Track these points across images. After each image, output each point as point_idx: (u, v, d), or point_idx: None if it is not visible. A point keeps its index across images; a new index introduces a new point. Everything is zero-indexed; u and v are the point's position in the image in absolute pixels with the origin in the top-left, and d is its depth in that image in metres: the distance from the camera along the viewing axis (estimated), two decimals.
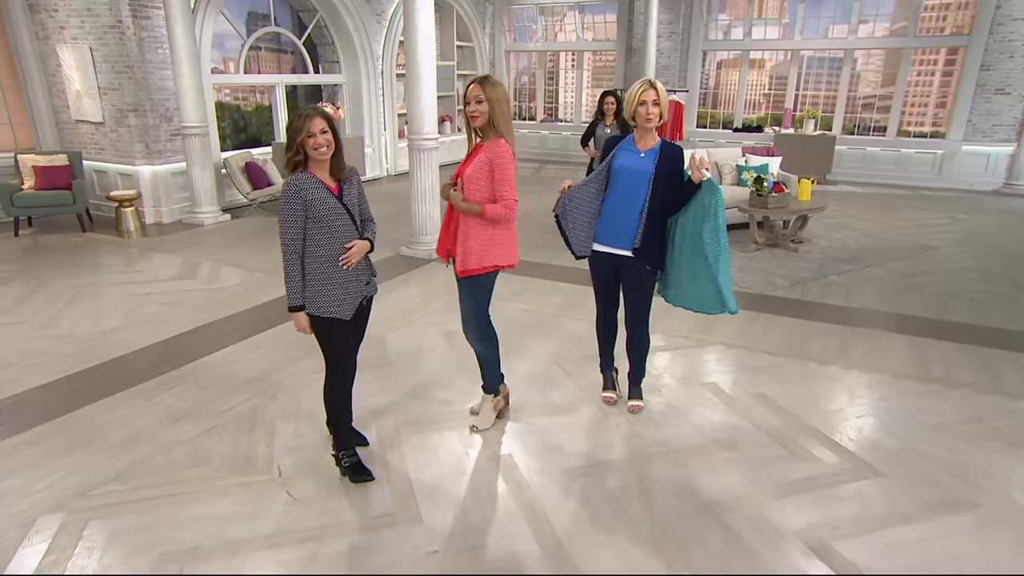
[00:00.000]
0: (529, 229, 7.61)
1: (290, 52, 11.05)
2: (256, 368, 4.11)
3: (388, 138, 11.63)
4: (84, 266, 6.22)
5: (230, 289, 5.62)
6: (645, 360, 3.69)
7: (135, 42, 7.40)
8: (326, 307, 2.78)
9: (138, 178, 7.81)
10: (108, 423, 3.45)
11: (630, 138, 3.35)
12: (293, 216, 2.66)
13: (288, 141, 2.65)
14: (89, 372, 4.05)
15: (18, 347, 4.39)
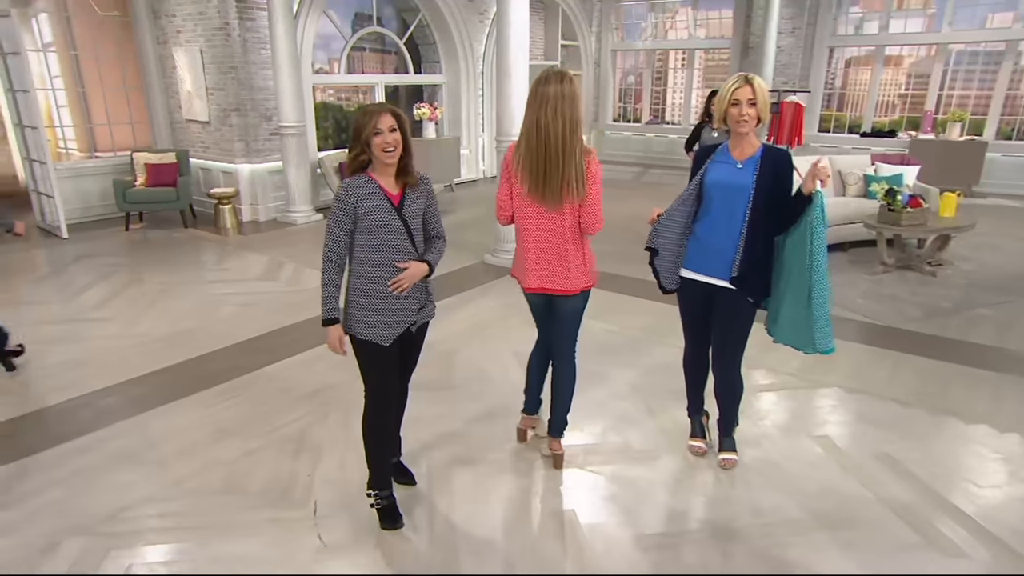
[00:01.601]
0: (623, 239, 7.06)
1: (393, 53, 11.06)
2: (315, 382, 3.89)
3: (485, 139, 11.40)
4: (178, 262, 6.34)
5: (307, 292, 5.50)
6: (737, 407, 3.11)
7: (240, 43, 7.54)
8: (364, 328, 2.45)
9: (237, 176, 7.98)
10: (158, 435, 3.32)
11: (724, 147, 2.79)
12: (339, 221, 2.37)
13: (353, 138, 2.34)
14: (154, 376, 3.98)
15: (96, 345, 4.43)
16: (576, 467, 3.09)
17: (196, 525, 2.65)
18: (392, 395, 2.63)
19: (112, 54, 8.27)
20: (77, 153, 9.13)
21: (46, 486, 2.88)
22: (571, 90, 2.57)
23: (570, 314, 2.88)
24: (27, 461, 3.06)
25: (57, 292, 5.48)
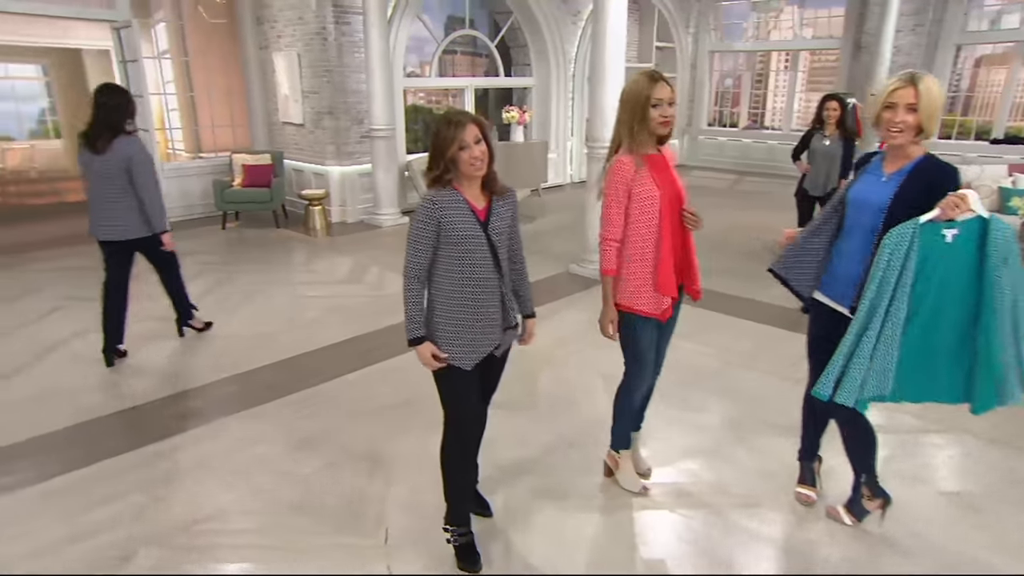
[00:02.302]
0: (720, 251, 6.64)
1: (484, 55, 11.00)
2: (395, 394, 3.77)
3: (574, 144, 11.14)
4: (268, 262, 6.46)
5: (390, 298, 5.44)
6: (872, 454, 2.66)
7: (335, 47, 7.65)
8: (445, 351, 2.27)
9: (328, 178, 8.11)
10: (236, 442, 3.29)
11: (880, 157, 2.42)
12: (423, 237, 2.18)
13: (433, 154, 2.16)
14: (239, 379, 3.99)
15: (186, 344, 4.51)
16: (666, 509, 2.80)
17: (267, 545, 2.56)
18: (475, 422, 2.44)
19: (218, 60, 8.62)
20: (184, 154, 9.61)
21: (126, 490, 2.88)
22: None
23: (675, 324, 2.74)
24: (110, 463, 3.09)
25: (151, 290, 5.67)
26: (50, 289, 5.59)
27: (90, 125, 3.87)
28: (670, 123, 2.43)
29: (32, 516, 2.71)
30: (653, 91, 2.37)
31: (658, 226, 2.45)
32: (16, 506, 2.78)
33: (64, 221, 8.37)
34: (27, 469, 3.05)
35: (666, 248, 2.46)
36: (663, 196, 2.44)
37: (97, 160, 3.87)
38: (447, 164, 2.14)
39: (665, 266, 2.47)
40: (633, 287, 2.54)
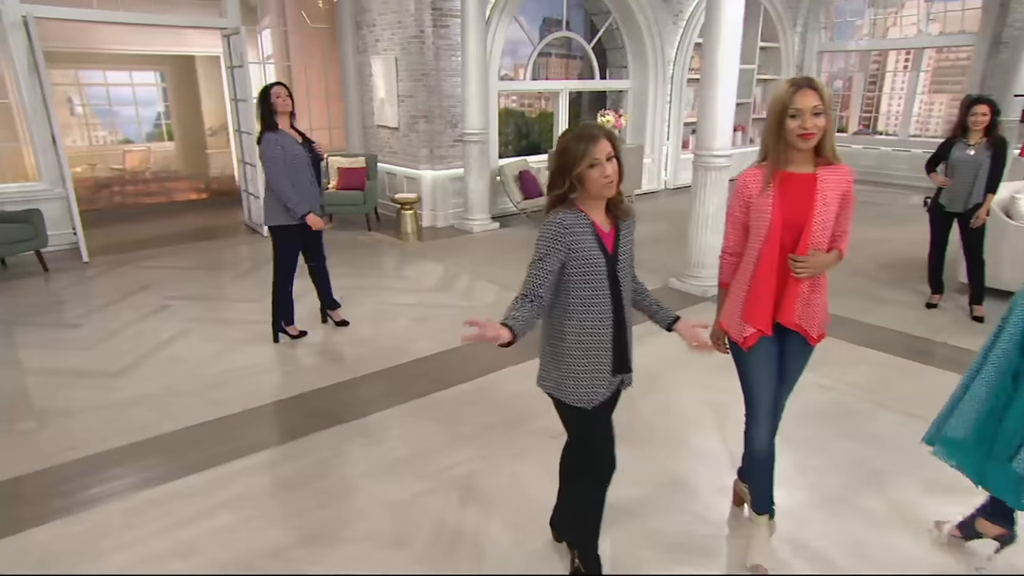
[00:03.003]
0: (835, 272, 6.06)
1: (579, 57, 10.73)
2: (485, 415, 3.57)
3: (670, 149, 10.68)
4: (360, 265, 6.44)
5: (480, 309, 5.27)
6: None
7: (432, 51, 7.59)
8: (569, 391, 2.05)
9: (420, 182, 8.07)
10: (327, 460, 3.17)
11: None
12: (548, 263, 1.91)
13: (558, 170, 1.93)
14: (329, 392, 3.89)
15: (279, 353, 4.49)
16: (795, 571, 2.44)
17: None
18: (606, 457, 2.23)
19: (318, 64, 8.77)
20: None
21: (218, 508, 2.81)
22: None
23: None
24: (208, 475, 3.04)
25: (253, 289, 5.76)
26: (159, 287, 5.77)
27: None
28: (812, 136, 2.08)
29: (130, 526, 2.68)
30: (793, 99, 2.07)
31: (760, 251, 2.21)
32: (116, 516, 2.75)
33: (172, 220, 8.76)
34: (129, 474, 3.04)
35: (762, 276, 2.22)
36: (777, 222, 2.15)
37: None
38: (573, 182, 1.91)
39: (756, 295, 2.24)
40: (728, 307, 2.38)
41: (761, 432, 2.38)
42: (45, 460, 3.13)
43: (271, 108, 4.11)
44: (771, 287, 2.21)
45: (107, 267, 6.40)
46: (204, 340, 4.61)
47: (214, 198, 10.59)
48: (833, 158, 2.16)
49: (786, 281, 2.21)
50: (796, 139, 2.09)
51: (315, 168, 4.39)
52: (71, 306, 5.35)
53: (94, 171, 11.11)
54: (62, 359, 4.29)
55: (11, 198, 6.57)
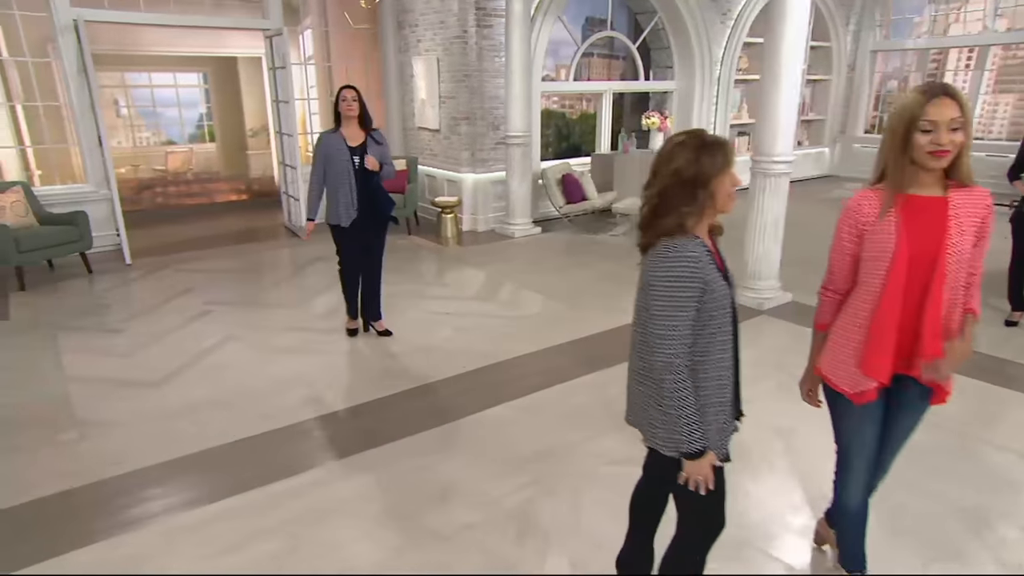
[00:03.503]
0: None
1: (621, 58, 10.46)
2: (536, 439, 3.37)
3: None
4: (400, 271, 6.30)
5: (527, 320, 5.09)
6: None
7: (475, 51, 7.44)
8: (709, 438, 1.80)
9: (461, 185, 7.92)
10: (372, 484, 3.01)
11: None
12: (688, 306, 1.66)
13: (688, 185, 1.65)
14: (371, 408, 3.74)
15: (317, 362, 4.35)
16: None
17: None
18: (722, 511, 1.97)
19: (360, 65, 8.69)
20: None
21: (256, 534, 2.67)
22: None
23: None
24: (252, 496, 2.91)
25: (294, 295, 5.68)
26: (200, 291, 5.72)
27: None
28: (946, 155, 1.74)
29: (172, 552, 2.56)
30: (925, 110, 1.73)
31: (882, 288, 1.85)
32: (158, 539, 2.64)
33: (213, 221, 8.77)
34: (171, 493, 2.94)
35: (886, 319, 1.85)
36: (902, 254, 1.80)
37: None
38: (705, 202, 1.67)
39: (878, 341, 1.88)
40: (833, 352, 2.03)
41: (855, 488, 2.13)
42: (86, 475, 3.04)
43: (337, 110, 4.25)
44: (895, 332, 1.86)
45: (149, 269, 6.39)
46: (246, 348, 4.51)
47: (254, 199, 10.62)
48: (968, 180, 1.81)
49: (916, 325, 1.85)
50: (926, 157, 1.75)
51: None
52: (114, 310, 5.32)
53: (137, 172, 11.25)
54: (104, 366, 4.24)
55: (59, 199, 6.61)
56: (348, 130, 4.31)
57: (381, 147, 4.36)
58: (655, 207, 1.71)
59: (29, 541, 2.62)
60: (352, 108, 4.23)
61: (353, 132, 4.31)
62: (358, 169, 4.28)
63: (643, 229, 1.75)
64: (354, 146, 4.29)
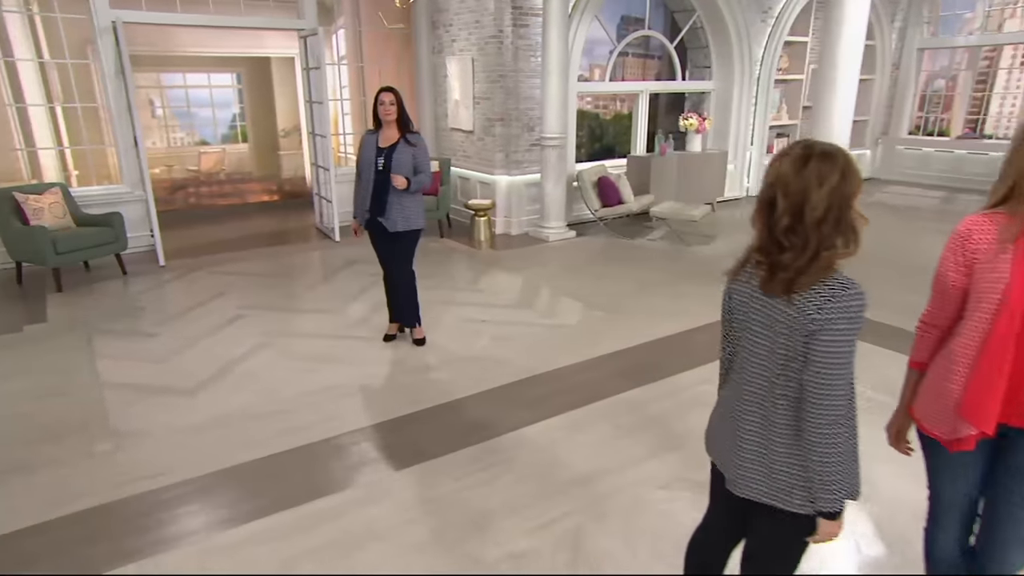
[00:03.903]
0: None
1: (656, 57, 10.24)
2: (581, 459, 3.22)
3: (754, 154, 10.08)
4: (433, 276, 6.18)
5: (566, 329, 4.92)
6: None
7: (511, 51, 7.29)
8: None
9: (495, 187, 7.79)
10: (411, 506, 2.88)
11: None
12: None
13: (841, 208, 1.44)
14: (408, 422, 3.61)
15: (355, 373, 4.25)
16: None
17: None
18: None
19: (392, 65, 8.61)
20: (353, 158, 9.76)
21: (290, 560, 2.55)
22: None
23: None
24: (286, 517, 2.80)
25: (328, 300, 5.59)
26: (233, 294, 5.67)
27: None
28: None
29: None
30: None
31: (990, 326, 1.63)
32: (191, 562, 2.54)
33: (245, 222, 8.77)
34: (204, 511, 2.84)
35: (994, 363, 1.62)
36: (1019, 296, 1.57)
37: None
38: (851, 225, 1.47)
39: (984, 384, 1.64)
40: (930, 393, 1.80)
41: (944, 543, 1.92)
42: (119, 489, 2.96)
43: (376, 114, 4.17)
44: (1004, 379, 1.62)
45: (182, 271, 6.36)
46: (280, 356, 4.43)
47: (285, 200, 10.61)
48: None
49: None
50: None
51: (383, 179, 4.18)
52: (147, 313, 5.29)
53: (171, 172, 11.33)
54: (138, 372, 4.18)
55: (95, 200, 6.63)
56: (385, 131, 4.21)
57: (414, 148, 4.22)
58: (818, 240, 1.44)
59: (64, 559, 2.54)
60: (390, 112, 4.12)
61: (390, 133, 4.21)
62: (380, 171, 4.18)
63: (798, 270, 1.45)
64: (383, 147, 4.19)
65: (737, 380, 1.65)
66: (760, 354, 1.56)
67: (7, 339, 4.72)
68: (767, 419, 1.57)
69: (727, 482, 1.67)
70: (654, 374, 4.10)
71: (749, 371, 1.60)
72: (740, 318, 1.63)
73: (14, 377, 4.10)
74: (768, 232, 1.51)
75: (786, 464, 1.55)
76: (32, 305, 5.43)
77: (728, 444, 1.67)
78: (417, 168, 4.25)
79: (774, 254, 1.50)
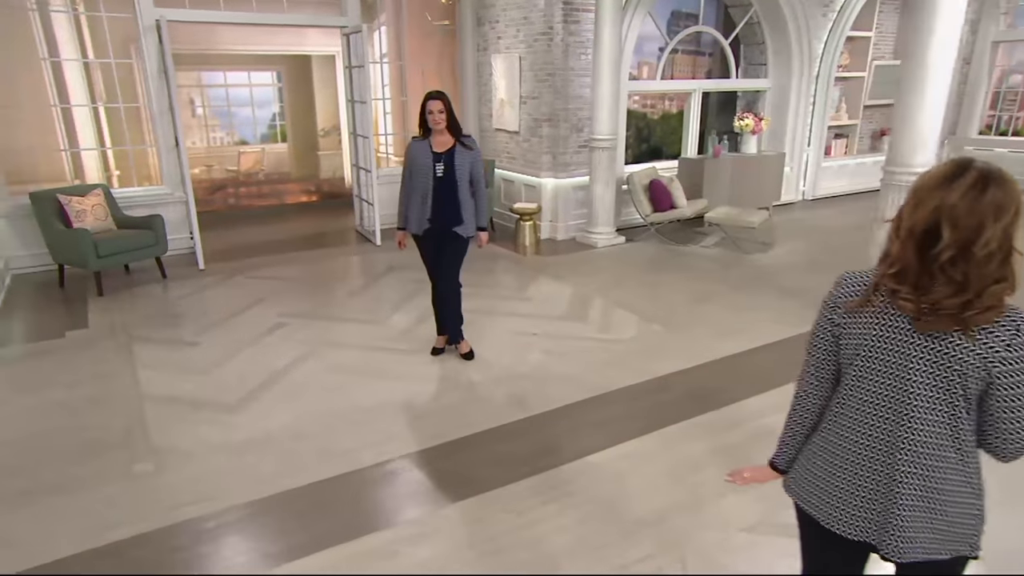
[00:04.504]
0: None
1: (707, 54, 9.91)
2: (651, 494, 2.98)
3: (811, 155, 9.67)
4: (478, 284, 5.96)
5: (623, 344, 4.68)
6: None
7: (561, 48, 7.06)
8: (814, 499, 1.57)
9: (540, 190, 7.57)
10: (464, 546, 2.68)
11: None
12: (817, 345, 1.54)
13: (1012, 238, 1.28)
14: (461, 447, 3.41)
15: (402, 390, 4.08)
16: None
17: None
18: None
19: (435, 63, 8.45)
20: (394, 159, 9.64)
21: None
22: None
23: None
24: (321, 558, 2.62)
25: (371, 308, 5.44)
26: (273, 301, 5.56)
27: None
28: None
29: None
30: None
31: None
32: None
33: (284, 224, 8.71)
34: (247, 545, 2.69)
35: None
36: None
37: None
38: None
39: None
40: None
41: None
42: (159, 517, 2.83)
43: (424, 122, 3.98)
44: None
45: (222, 276, 6.29)
46: (322, 369, 4.28)
47: (324, 200, 10.56)
48: None
49: None
50: None
51: (442, 184, 4.02)
52: (188, 320, 5.21)
53: (210, 173, 11.37)
54: (179, 384, 4.08)
55: (136, 202, 6.61)
56: (436, 137, 4.04)
57: (471, 153, 4.06)
58: (986, 275, 1.28)
59: None
60: (439, 121, 3.93)
61: (442, 139, 4.04)
62: (439, 176, 4.01)
63: (964, 305, 1.30)
64: (439, 152, 4.02)
65: (858, 426, 1.48)
66: (921, 396, 1.38)
67: (50, 345, 4.68)
68: (937, 467, 1.41)
69: (881, 549, 1.47)
70: (722, 398, 3.84)
71: (895, 417, 1.42)
72: (867, 355, 1.44)
73: (55, 387, 4.03)
74: (920, 263, 1.32)
75: (957, 518, 1.43)
76: (74, 310, 5.40)
77: (866, 502, 1.47)
78: (474, 175, 4.09)
79: (926, 287, 1.32)
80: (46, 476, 3.13)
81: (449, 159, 4.01)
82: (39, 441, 3.43)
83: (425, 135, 4.06)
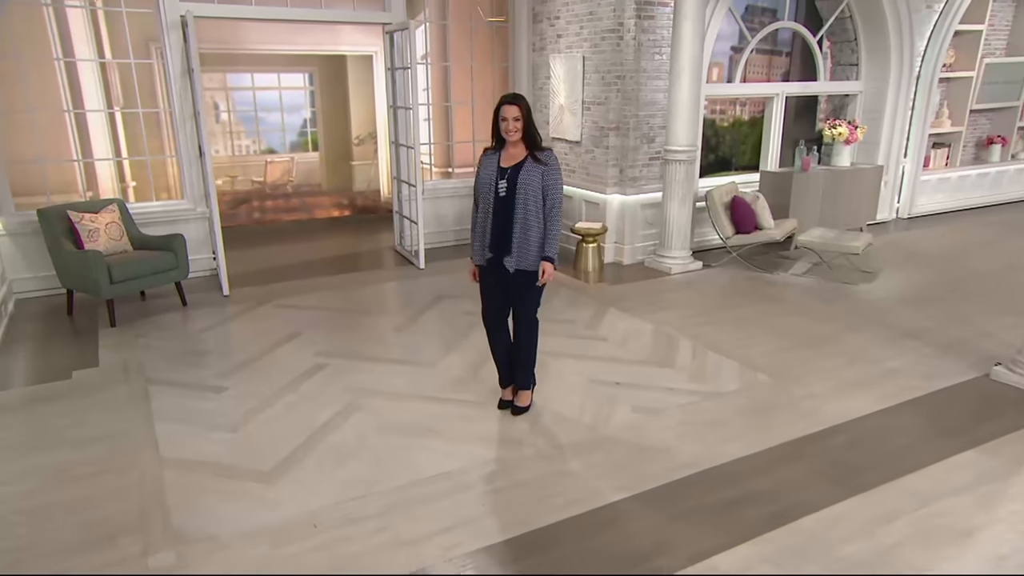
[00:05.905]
0: None
1: (784, 54, 9.37)
2: None
3: (908, 167, 9.04)
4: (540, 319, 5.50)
5: (726, 399, 4.15)
6: None
7: (632, 47, 6.59)
8: None
9: (605, 208, 7.08)
10: None
11: None
12: None
13: None
14: (537, 541, 2.91)
15: (469, 454, 3.59)
16: None
17: None
18: None
19: (483, 64, 8.05)
20: (434, 169, 9.26)
21: None
22: None
23: None
24: None
25: (422, 348, 4.98)
26: (309, 336, 5.16)
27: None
28: None
29: None
30: None
31: None
32: None
33: (315, 243, 8.36)
34: None
35: None
36: None
37: None
38: None
39: None
40: None
41: None
42: None
43: (496, 130, 3.60)
44: None
45: (249, 304, 5.91)
46: (372, 427, 3.82)
47: (357, 215, 10.21)
48: None
49: None
50: None
51: (503, 206, 3.60)
52: (212, 358, 4.81)
53: (234, 184, 11.10)
54: (203, 444, 3.65)
55: (153, 218, 6.30)
56: (509, 149, 3.61)
57: (544, 167, 3.58)
58: None
59: None
60: (513, 131, 3.50)
61: (514, 151, 3.60)
62: (501, 196, 3.60)
63: None
64: (505, 167, 3.59)
65: None
66: None
67: (55, 388, 4.32)
68: None
69: None
70: (867, 477, 3.29)
71: None
72: None
73: (59, 447, 3.63)
74: None
75: None
76: (83, 343, 5.05)
77: None
78: (546, 191, 3.62)
79: None
80: (42, 570, 2.71)
81: (514, 177, 3.57)
82: (36, 521, 3.01)
83: (497, 146, 3.65)
